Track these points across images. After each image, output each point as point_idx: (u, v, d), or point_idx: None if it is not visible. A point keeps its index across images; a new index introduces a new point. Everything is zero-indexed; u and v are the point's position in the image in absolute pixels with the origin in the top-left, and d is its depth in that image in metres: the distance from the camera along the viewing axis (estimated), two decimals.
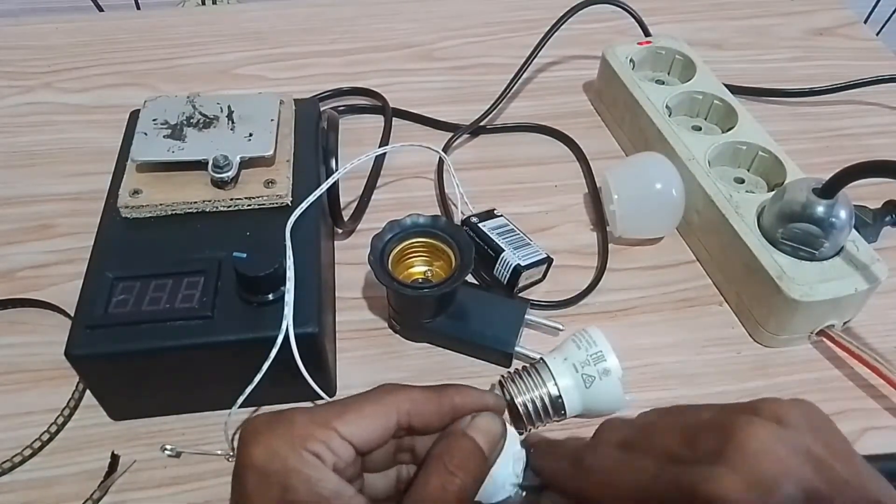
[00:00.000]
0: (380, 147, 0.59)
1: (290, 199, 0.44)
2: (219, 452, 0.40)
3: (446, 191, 0.55)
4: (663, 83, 0.59)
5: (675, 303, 0.49)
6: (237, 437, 0.41)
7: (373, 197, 0.55)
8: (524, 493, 0.31)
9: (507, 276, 0.47)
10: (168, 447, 0.40)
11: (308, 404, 0.42)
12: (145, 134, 0.45)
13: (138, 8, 1.22)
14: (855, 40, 0.73)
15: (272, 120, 0.47)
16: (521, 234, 0.49)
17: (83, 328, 0.37)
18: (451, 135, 0.60)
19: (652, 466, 0.26)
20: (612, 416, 0.32)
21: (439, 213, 0.53)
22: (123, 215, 0.43)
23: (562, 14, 0.61)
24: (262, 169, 0.45)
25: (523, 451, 0.31)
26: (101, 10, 1.12)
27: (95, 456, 0.40)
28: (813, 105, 0.65)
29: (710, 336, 0.47)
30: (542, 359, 0.42)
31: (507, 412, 0.41)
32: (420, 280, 0.45)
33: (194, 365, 0.39)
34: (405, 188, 0.57)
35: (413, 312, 0.45)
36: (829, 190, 0.43)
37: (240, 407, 0.38)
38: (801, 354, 0.46)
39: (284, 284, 0.37)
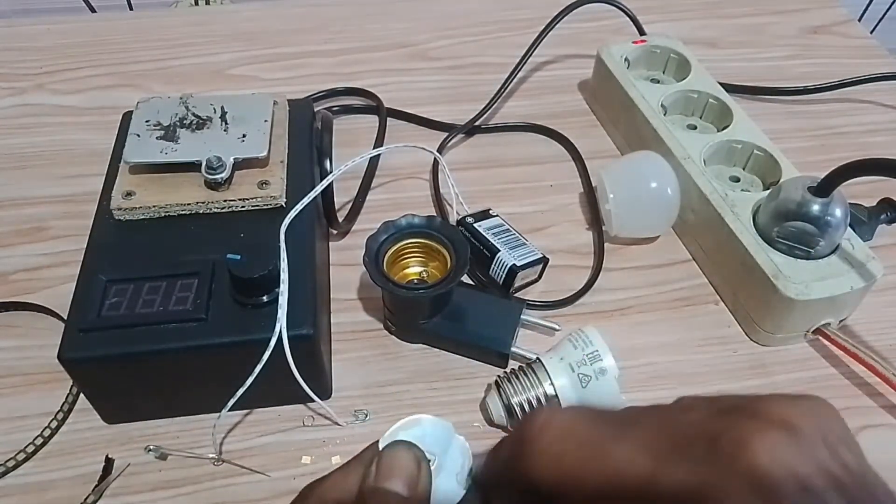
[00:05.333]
0: (374, 147, 0.59)
1: (285, 200, 0.43)
2: (210, 456, 0.40)
3: (441, 191, 0.55)
4: (658, 82, 0.59)
5: (671, 302, 0.49)
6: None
7: (367, 197, 0.55)
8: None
9: (503, 276, 0.47)
10: (152, 447, 0.40)
11: (302, 407, 0.42)
12: (138, 135, 0.45)
13: (131, 9, 1.21)
14: (849, 38, 0.73)
15: (266, 121, 0.46)
16: (517, 234, 0.49)
17: (76, 331, 0.37)
18: (445, 135, 0.60)
19: (638, 461, 0.21)
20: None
21: (434, 214, 0.53)
22: (116, 217, 0.42)
23: (556, 13, 0.61)
24: (256, 170, 0.44)
25: (468, 449, 0.27)
26: (93, 10, 1.11)
27: (90, 460, 0.40)
28: (808, 103, 0.65)
29: (707, 335, 0.47)
30: (538, 359, 0.42)
31: (504, 413, 0.41)
32: (415, 281, 0.45)
33: (189, 368, 0.39)
34: (400, 188, 0.56)
35: (409, 313, 0.44)
36: (824, 188, 0.43)
37: (234, 410, 0.38)
38: (798, 353, 0.46)
39: (279, 286, 0.37)
